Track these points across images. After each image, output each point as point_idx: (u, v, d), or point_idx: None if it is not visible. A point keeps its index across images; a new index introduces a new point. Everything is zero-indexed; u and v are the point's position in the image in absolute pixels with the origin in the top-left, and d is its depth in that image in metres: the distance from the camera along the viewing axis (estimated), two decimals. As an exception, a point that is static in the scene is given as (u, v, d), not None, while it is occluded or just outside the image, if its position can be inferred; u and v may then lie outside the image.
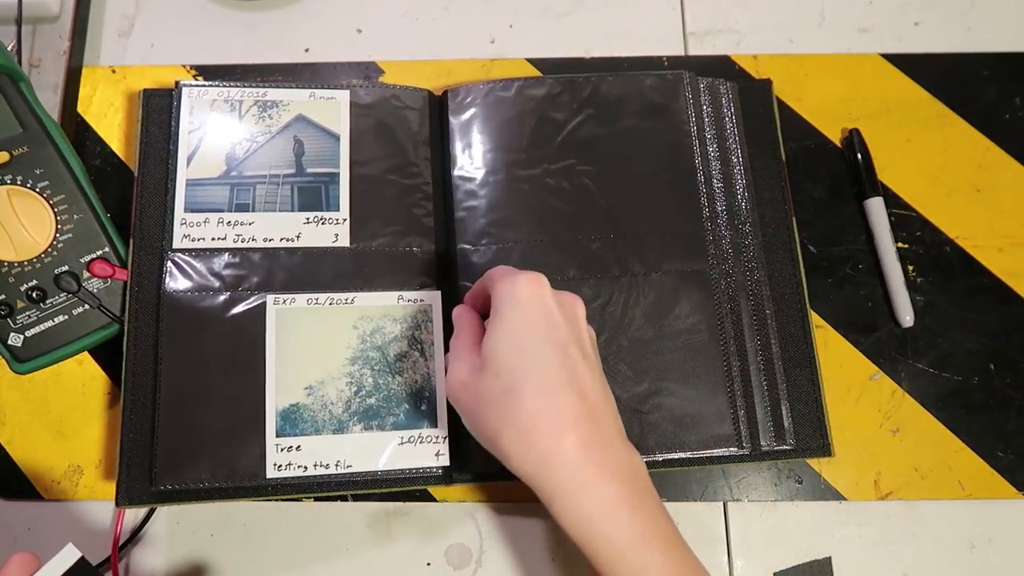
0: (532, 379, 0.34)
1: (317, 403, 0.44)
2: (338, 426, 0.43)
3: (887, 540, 0.45)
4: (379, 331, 0.45)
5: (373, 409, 0.44)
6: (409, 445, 0.44)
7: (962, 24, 0.55)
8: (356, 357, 0.45)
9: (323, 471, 0.43)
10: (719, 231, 0.48)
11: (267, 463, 0.42)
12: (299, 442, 0.43)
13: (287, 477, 0.42)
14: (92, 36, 0.55)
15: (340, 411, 0.44)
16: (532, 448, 0.34)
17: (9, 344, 0.44)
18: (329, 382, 0.44)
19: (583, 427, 0.34)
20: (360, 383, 0.44)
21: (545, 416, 0.34)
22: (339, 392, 0.44)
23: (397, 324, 0.45)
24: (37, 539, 0.45)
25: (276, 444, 0.43)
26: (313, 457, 0.43)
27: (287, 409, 0.43)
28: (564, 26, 0.56)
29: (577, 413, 0.34)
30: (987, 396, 0.47)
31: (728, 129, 0.50)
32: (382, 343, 0.45)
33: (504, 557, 0.45)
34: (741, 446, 0.44)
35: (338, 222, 0.47)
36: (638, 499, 0.34)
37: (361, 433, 0.44)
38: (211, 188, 0.47)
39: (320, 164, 0.48)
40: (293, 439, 0.43)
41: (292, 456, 0.43)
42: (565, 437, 0.34)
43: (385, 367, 0.45)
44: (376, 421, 0.44)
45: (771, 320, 0.46)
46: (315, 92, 0.49)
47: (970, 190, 0.51)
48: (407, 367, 0.45)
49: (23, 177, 0.45)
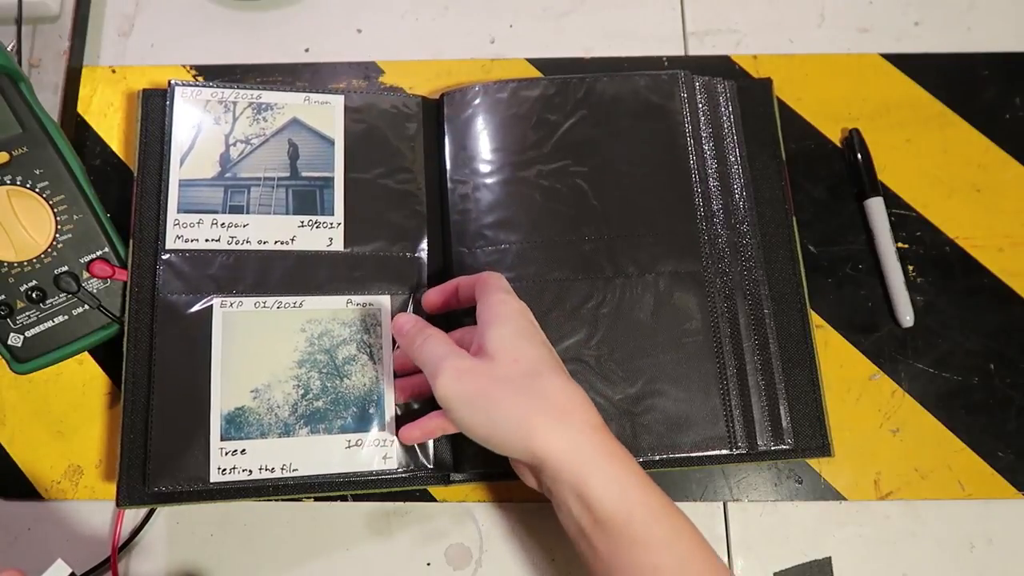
0: (552, 367, 0.38)
1: (263, 406, 0.43)
2: (284, 429, 0.43)
3: (887, 540, 0.45)
4: (327, 334, 0.45)
5: (320, 412, 0.44)
6: (356, 448, 0.43)
7: (962, 24, 0.55)
8: (304, 360, 0.44)
9: (268, 475, 0.42)
10: (715, 231, 0.48)
11: (211, 467, 0.42)
12: (244, 445, 0.43)
13: (231, 481, 0.42)
14: (92, 36, 0.55)
15: (286, 414, 0.43)
16: (570, 421, 0.36)
17: (9, 344, 0.44)
18: (276, 385, 0.44)
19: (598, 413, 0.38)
20: (307, 386, 0.44)
21: (575, 398, 0.37)
22: (286, 395, 0.44)
23: (346, 327, 0.45)
24: (37, 539, 0.45)
25: (220, 448, 0.42)
26: (258, 461, 0.42)
27: (232, 412, 0.43)
28: (564, 26, 0.56)
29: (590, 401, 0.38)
30: (987, 396, 0.47)
31: (726, 128, 0.50)
32: (330, 346, 0.45)
33: (504, 557, 0.45)
34: (735, 447, 0.44)
35: (332, 226, 0.47)
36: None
37: (308, 436, 0.43)
38: (204, 189, 0.47)
39: (315, 168, 0.48)
40: (238, 442, 0.43)
41: (237, 460, 0.42)
42: (593, 415, 0.37)
43: (333, 370, 0.44)
44: (323, 424, 0.44)
45: (769, 320, 0.46)
46: (310, 96, 0.49)
47: (970, 190, 0.51)
48: (355, 370, 0.45)
49: (23, 177, 0.45)
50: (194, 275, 0.45)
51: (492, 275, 0.42)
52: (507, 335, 0.38)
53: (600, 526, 0.35)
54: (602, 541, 0.35)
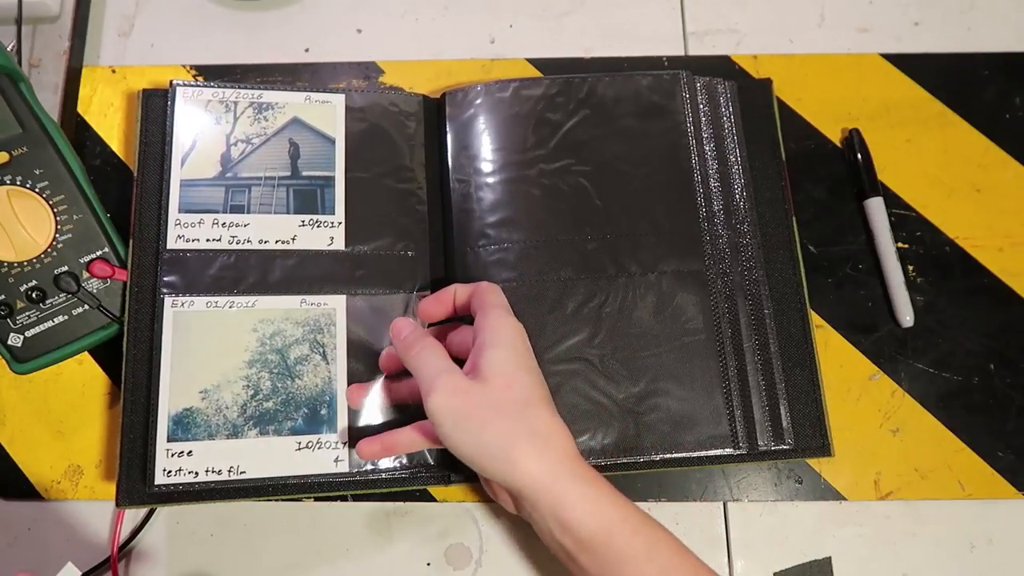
0: (541, 396, 0.39)
1: (211, 407, 0.43)
2: (232, 430, 0.43)
3: (887, 540, 0.45)
4: (279, 334, 0.44)
5: (270, 413, 0.43)
6: (307, 451, 0.43)
7: (962, 24, 0.55)
8: (254, 360, 0.44)
9: (215, 477, 0.42)
10: (716, 231, 0.48)
11: (156, 468, 0.42)
12: (190, 447, 0.42)
13: (176, 483, 0.42)
14: (92, 36, 0.55)
15: (235, 415, 0.43)
16: (550, 450, 0.37)
17: (9, 344, 0.44)
18: (225, 385, 0.43)
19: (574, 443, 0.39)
20: (257, 386, 0.44)
21: (556, 428, 0.38)
22: (235, 396, 0.43)
23: (299, 327, 0.45)
24: (37, 539, 0.45)
25: (167, 449, 0.42)
26: (205, 463, 0.42)
27: (180, 413, 0.43)
28: (564, 26, 0.56)
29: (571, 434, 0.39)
30: (987, 396, 0.47)
31: (726, 128, 0.50)
32: (282, 346, 0.44)
33: (504, 557, 0.45)
34: (737, 446, 0.44)
35: (333, 225, 0.47)
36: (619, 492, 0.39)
37: (256, 438, 0.43)
38: (205, 189, 0.47)
39: (315, 167, 0.48)
40: (184, 444, 0.42)
41: (183, 461, 0.42)
42: (571, 444, 0.38)
43: (284, 370, 0.44)
44: (272, 426, 0.43)
45: (770, 320, 0.46)
46: (310, 95, 0.49)
47: (970, 190, 0.51)
48: (307, 370, 0.44)
49: (23, 177, 0.45)
50: (195, 275, 0.45)
51: (490, 288, 0.42)
52: (503, 359, 0.39)
53: (582, 546, 0.36)
54: (587, 561, 0.36)
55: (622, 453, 0.43)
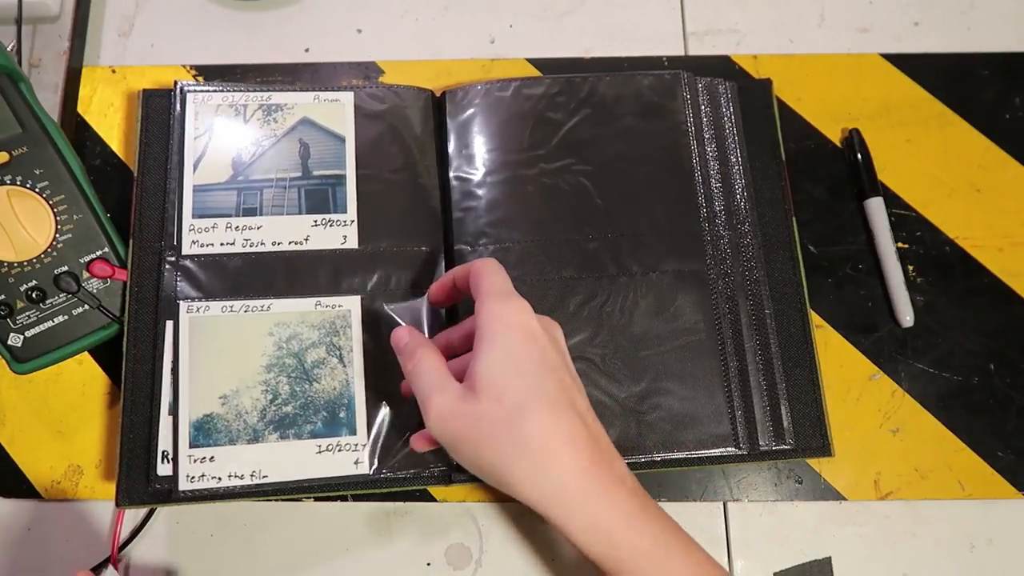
0: (537, 403, 0.35)
1: (231, 412, 0.43)
2: (253, 435, 0.43)
3: (887, 540, 0.45)
4: (296, 337, 0.44)
5: (289, 417, 0.43)
6: (328, 453, 0.43)
7: (962, 24, 0.55)
8: (272, 364, 0.44)
9: (237, 482, 0.42)
10: (717, 231, 0.48)
11: (180, 475, 0.42)
12: (212, 453, 0.42)
13: (199, 489, 0.42)
14: (92, 36, 0.55)
15: (255, 420, 0.43)
16: (547, 471, 0.34)
17: (9, 344, 0.44)
18: (244, 391, 0.43)
19: (591, 447, 0.35)
20: (276, 391, 0.43)
21: (556, 439, 0.34)
22: (254, 401, 0.43)
23: (315, 330, 0.45)
24: (37, 539, 0.45)
25: (189, 455, 0.42)
26: (227, 468, 0.42)
27: (200, 419, 0.43)
28: (564, 26, 0.56)
29: (583, 435, 0.35)
30: (987, 396, 0.47)
31: (727, 129, 0.50)
32: (299, 349, 0.44)
33: (504, 557, 0.45)
34: (739, 446, 0.44)
35: (346, 224, 0.47)
36: (650, 508, 0.35)
37: (277, 442, 0.43)
38: (218, 193, 0.47)
39: (326, 166, 0.48)
40: (206, 450, 0.42)
41: (205, 467, 0.42)
42: (577, 458, 0.34)
43: (302, 374, 0.44)
44: (293, 429, 0.43)
45: (770, 320, 0.46)
46: (319, 95, 0.49)
47: (970, 190, 0.51)
48: (325, 374, 0.44)
49: (23, 177, 0.45)
50: (210, 280, 0.45)
51: (484, 269, 0.39)
52: (494, 364, 0.35)
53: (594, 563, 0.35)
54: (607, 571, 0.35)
55: (624, 452, 0.43)
